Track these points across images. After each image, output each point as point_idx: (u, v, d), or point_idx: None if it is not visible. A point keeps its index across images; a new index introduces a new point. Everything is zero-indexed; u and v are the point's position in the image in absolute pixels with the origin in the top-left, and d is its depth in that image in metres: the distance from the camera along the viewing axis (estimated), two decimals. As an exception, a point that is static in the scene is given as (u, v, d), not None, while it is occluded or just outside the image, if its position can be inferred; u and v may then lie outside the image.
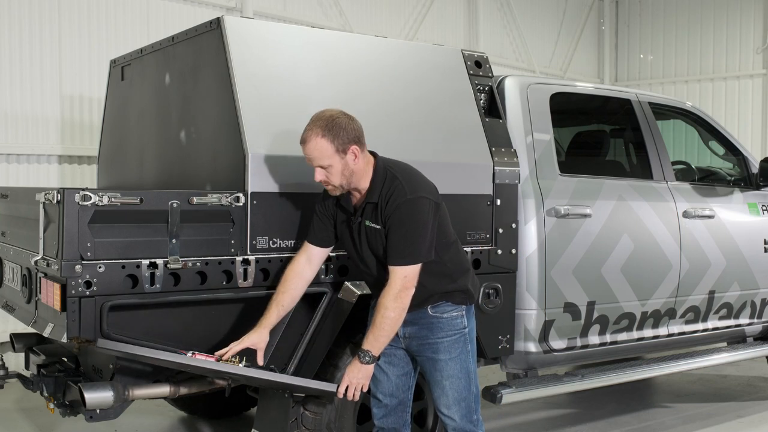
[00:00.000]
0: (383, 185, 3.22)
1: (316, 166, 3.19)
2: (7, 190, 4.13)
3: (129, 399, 3.45)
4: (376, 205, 3.22)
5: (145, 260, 3.15)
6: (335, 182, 3.20)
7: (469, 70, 4.24)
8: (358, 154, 3.18)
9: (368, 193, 3.24)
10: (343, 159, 3.16)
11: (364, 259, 3.33)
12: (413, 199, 3.18)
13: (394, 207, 3.17)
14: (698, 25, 12.69)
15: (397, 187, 3.19)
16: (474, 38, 11.21)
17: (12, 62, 6.72)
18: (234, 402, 5.27)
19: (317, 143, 3.14)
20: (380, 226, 3.22)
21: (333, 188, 3.24)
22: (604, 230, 4.53)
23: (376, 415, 3.53)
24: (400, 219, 3.16)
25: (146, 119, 4.38)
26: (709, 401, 6.06)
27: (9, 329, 5.20)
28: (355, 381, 3.23)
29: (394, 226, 3.17)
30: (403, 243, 3.16)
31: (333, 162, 3.16)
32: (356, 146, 3.17)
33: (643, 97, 5.18)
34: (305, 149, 3.19)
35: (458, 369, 3.34)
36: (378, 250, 3.26)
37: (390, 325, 3.18)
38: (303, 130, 3.19)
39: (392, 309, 3.17)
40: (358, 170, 3.21)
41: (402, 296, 3.17)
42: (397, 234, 3.17)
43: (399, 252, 3.17)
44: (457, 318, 3.35)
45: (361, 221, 3.28)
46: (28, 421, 5.33)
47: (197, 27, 3.84)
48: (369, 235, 3.27)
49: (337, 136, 3.14)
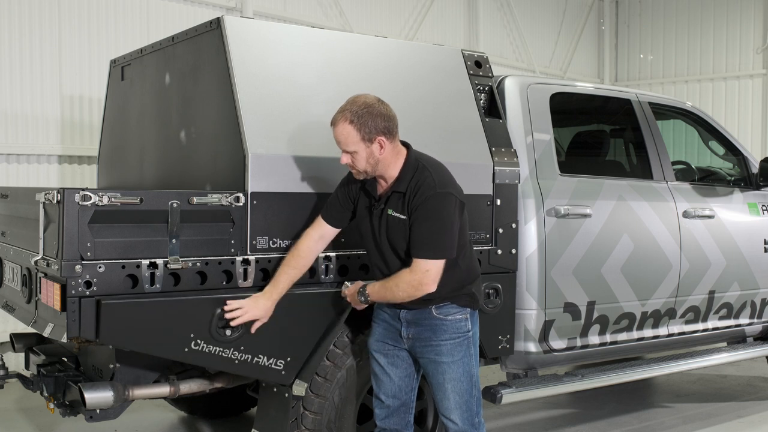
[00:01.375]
0: (413, 176, 3.23)
1: (342, 149, 3.23)
2: (7, 190, 4.13)
3: (129, 399, 3.46)
4: (403, 195, 3.23)
5: (145, 260, 3.15)
6: (360, 167, 3.23)
7: (469, 70, 4.24)
8: (384, 145, 3.20)
9: (396, 182, 3.25)
10: (368, 148, 3.19)
11: (380, 247, 3.31)
12: (442, 193, 3.19)
13: (423, 199, 3.17)
14: (698, 25, 12.68)
15: (427, 179, 3.21)
16: (474, 38, 11.20)
17: (12, 62, 6.71)
18: (234, 402, 5.28)
19: (344, 128, 3.19)
20: (405, 216, 3.21)
21: (357, 173, 3.27)
22: (604, 230, 4.53)
23: (378, 416, 3.52)
24: (427, 212, 3.16)
25: (146, 119, 4.38)
26: (709, 401, 6.06)
27: (9, 329, 5.21)
28: (350, 299, 3.42)
29: (420, 219, 3.17)
30: (428, 236, 3.16)
31: (358, 149, 3.19)
32: (384, 137, 3.19)
33: (643, 97, 5.18)
34: (333, 131, 3.24)
35: (461, 372, 3.32)
36: (397, 241, 3.25)
37: (392, 297, 3.25)
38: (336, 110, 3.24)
39: (403, 291, 3.19)
40: (384, 160, 3.23)
41: (419, 289, 3.18)
42: (422, 226, 3.17)
43: (424, 244, 3.17)
44: (462, 321, 3.33)
45: (383, 209, 3.28)
46: (28, 421, 5.33)
47: (197, 27, 3.84)
48: (390, 224, 3.26)
49: (364, 125, 3.17)
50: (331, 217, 3.41)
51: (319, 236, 3.41)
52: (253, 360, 3.40)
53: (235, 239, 3.36)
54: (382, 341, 3.46)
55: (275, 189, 3.44)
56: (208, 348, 3.28)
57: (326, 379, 3.63)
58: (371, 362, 3.52)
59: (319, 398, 3.61)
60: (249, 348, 3.38)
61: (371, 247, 3.39)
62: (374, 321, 3.52)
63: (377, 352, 3.47)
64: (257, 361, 3.41)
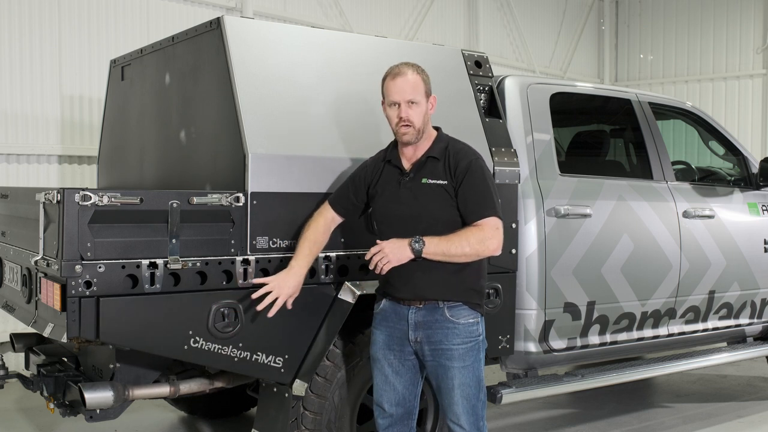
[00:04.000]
0: (448, 143, 3.30)
1: (402, 102, 3.21)
2: (7, 190, 4.13)
3: (129, 399, 3.46)
4: (439, 161, 3.24)
5: (145, 260, 3.15)
6: (417, 122, 3.23)
7: (469, 70, 4.25)
8: (434, 104, 3.30)
9: (431, 149, 3.28)
10: (427, 102, 3.26)
11: (411, 221, 3.21)
12: (480, 158, 3.28)
13: (468, 163, 3.22)
14: (698, 25, 12.68)
15: (464, 147, 3.31)
16: (474, 38, 11.20)
17: (12, 62, 6.71)
18: (234, 402, 5.28)
19: (414, 78, 3.23)
20: (445, 181, 3.21)
21: (411, 131, 3.23)
22: (604, 230, 4.53)
23: (380, 426, 3.42)
24: (474, 175, 3.20)
25: (146, 119, 4.38)
26: (709, 401, 6.06)
27: (9, 329, 5.20)
28: (388, 249, 3.12)
29: (472, 180, 3.20)
30: (485, 197, 3.20)
31: (422, 101, 3.24)
32: (433, 97, 3.29)
33: (643, 97, 5.18)
34: (397, 81, 3.23)
35: (471, 377, 3.26)
36: (434, 207, 3.21)
37: (457, 252, 3.12)
38: (392, 67, 3.27)
39: (472, 247, 3.13)
40: (429, 121, 3.30)
41: (489, 246, 3.15)
42: (479, 187, 3.20)
43: (484, 204, 3.19)
44: (474, 325, 3.27)
45: (414, 177, 3.26)
46: (28, 421, 5.33)
47: (197, 27, 3.84)
48: (425, 192, 3.23)
49: (428, 80, 3.29)
50: (340, 206, 3.41)
51: (330, 219, 3.43)
52: (252, 357, 3.40)
53: (235, 239, 3.36)
54: (387, 348, 3.34)
55: (275, 189, 3.44)
56: (206, 345, 3.28)
57: (326, 379, 3.63)
58: (373, 371, 3.42)
59: (319, 398, 3.61)
60: (248, 345, 3.38)
61: (396, 222, 3.26)
62: (375, 327, 3.40)
63: (381, 360, 3.36)
64: (256, 358, 3.41)
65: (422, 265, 3.17)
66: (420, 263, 3.16)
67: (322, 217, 3.41)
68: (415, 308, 3.26)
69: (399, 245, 3.13)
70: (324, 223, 3.41)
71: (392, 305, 3.32)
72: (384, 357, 3.35)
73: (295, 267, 3.32)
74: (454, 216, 3.21)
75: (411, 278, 3.22)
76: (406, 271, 3.19)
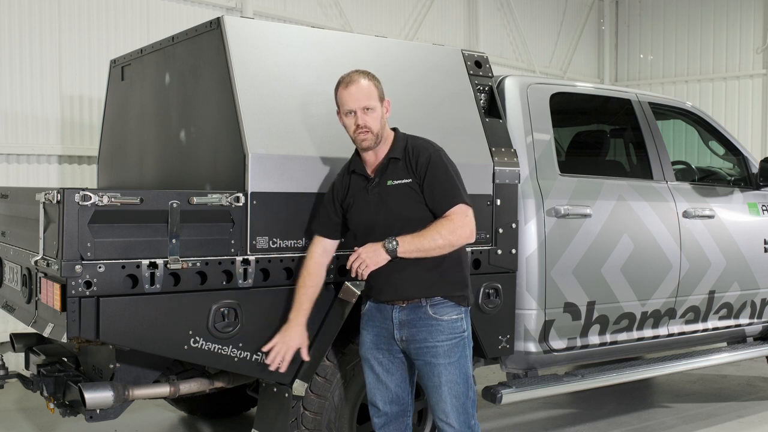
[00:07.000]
0: (407, 142, 3.32)
1: (357, 109, 3.23)
2: (7, 190, 4.13)
3: (129, 399, 3.46)
4: (400, 160, 3.27)
5: (145, 260, 3.15)
6: (374, 127, 3.25)
7: (469, 70, 4.25)
8: (388, 108, 3.34)
9: (391, 150, 3.30)
10: (381, 107, 3.29)
11: (384, 225, 3.23)
12: (441, 150, 3.31)
13: (427, 157, 3.24)
14: (698, 25, 12.68)
15: (422, 142, 3.33)
16: (474, 38, 11.20)
17: (12, 62, 6.71)
18: (234, 402, 5.28)
19: (367, 84, 3.26)
20: (409, 179, 3.23)
21: (370, 136, 3.25)
22: (604, 230, 4.53)
23: (376, 425, 3.44)
24: (436, 167, 3.22)
25: (146, 119, 4.38)
26: (709, 401, 6.06)
27: (9, 329, 5.21)
28: (364, 255, 3.17)
29: (435, 173, 3.22)
30: (453, 184, 3.22)
31: (377, 106, 3.26)
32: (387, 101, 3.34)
33: (643, 97, 5.18)
34: (350, 90, 3.25)
35: (457, 374, 3.27)
36: (405, 208, 3.22)
37: (431, 246, 3.15)
38: (343, 76, 3.29)
39: (444, 238, 3.16)
40: (385, 124, 3.32)
41: (460, 235, 3.17)
42: (441, 177, 3.22)
43: (450, 193, 3.21)
44: (457, 321, 3.29)
45: (379, 182, 3.28)
46: (28, 421, 5.33)
47: (197, 27, 3.84)
48: (392, 194, 3.25)
49: (379, 85, 3.31)
50: (324, 229, 3.41)
51: (323, 250, 3.42)
52: (252, 357, 3.40)
53: (235, 239, 3.36)
54: (375, 348, 3.36)
55: (275, 189, 3.44)
56: (207, 345, 3.28)
57: (326, 379, 3.63)
58: (365, 371, 3.44)
59: (319, 398, 3.61)
60: (248, 345, 3.38)
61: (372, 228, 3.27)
62: (363, 328, 3.42)
63: (370, 360, 3.38)
64: (256, 358, 3.41)
65: (399, 265, 3.20)
66: (397, 263, 3.19)
67: (313, 257, 3.40)
68: (398, 307, 3.29)
69: (374, 249, 3.18)
70: (316, 261, 3.40)
71: (377, 305, 3.35)
72: (373, 357, 3.38)
73: (293, 320, 3.36)
74: (426, 212, 3.24)
75: (390, 279, 3.25)
76: (386, 272, 3.22)
